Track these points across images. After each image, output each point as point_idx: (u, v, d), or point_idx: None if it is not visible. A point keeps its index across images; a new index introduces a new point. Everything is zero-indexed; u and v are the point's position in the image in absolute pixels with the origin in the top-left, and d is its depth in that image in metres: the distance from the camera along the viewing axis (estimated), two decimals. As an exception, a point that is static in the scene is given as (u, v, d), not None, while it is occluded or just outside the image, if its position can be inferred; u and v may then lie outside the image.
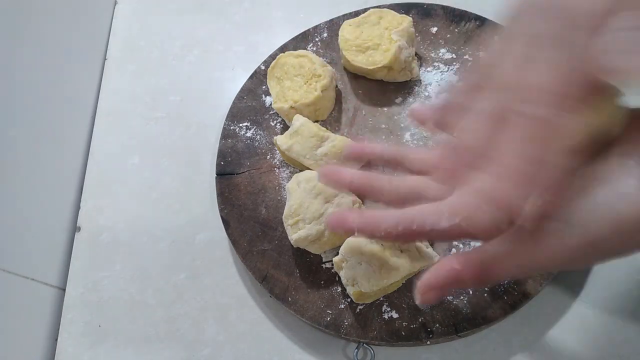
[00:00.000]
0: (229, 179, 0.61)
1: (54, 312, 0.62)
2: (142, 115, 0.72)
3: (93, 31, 0.79)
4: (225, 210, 0.59)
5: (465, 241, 0.53)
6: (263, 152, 0.63)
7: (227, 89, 0.71)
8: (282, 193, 0.60)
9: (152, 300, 0.60)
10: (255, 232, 0.58)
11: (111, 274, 0.62)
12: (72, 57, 0.73)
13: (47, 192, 0.65)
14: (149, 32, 0.79)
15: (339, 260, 0.51)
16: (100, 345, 0.58)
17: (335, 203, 0.52)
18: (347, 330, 0.52)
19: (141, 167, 0.69)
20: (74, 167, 0.69)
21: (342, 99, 0.64)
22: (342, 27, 0.63)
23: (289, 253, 0.56)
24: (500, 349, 0.52)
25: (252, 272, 0.56)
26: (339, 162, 0.55)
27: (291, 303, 0.54)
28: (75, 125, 0.72)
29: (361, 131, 0.62)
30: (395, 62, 0.60)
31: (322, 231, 0.51)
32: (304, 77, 0.61)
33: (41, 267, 0.62)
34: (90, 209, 0.67)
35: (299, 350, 0.55)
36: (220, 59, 0.75)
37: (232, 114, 0.65)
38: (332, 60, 0.66)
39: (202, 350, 0.56)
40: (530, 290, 0.50)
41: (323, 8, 0.74)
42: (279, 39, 0.70)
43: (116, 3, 0.83)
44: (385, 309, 0.52)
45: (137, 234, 0.64)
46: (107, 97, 0.75)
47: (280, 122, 0.64)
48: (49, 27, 0.69)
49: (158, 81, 0.75)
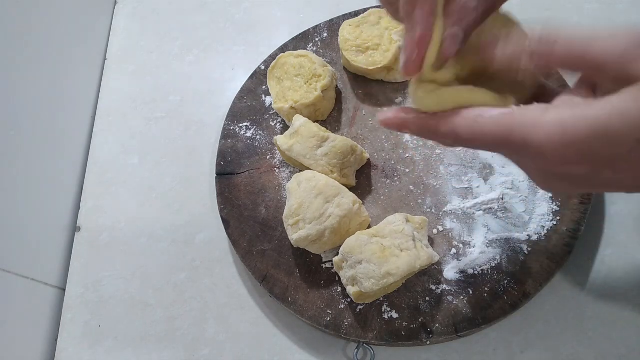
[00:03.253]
0: (229, 179, 0.61)
1: (54, 312, 0.62)
2: (142, 115, 0.72)
3: (93, 31, 0.79)
4: (225, 210, 0.59)
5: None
6: (263, 152, 0.63)
7: (227, 89, 0.71)
8: (282, 193, 0.60)
9: (152, 300, 0.60)
10: (255, 232, 0.58)
11: (111, 273, 0.62)
12: (72, 57, 0.73)
13: (47, 192, 0.65)
14: (149, 32, 0.79)
15: (339, 260, 0.51)
16: (100, 345, 0.58)
17: (336, 203, 0.52)
18: (347, 330, 0.52)
19: (141, 167, 0.69)
20: (74, 167, 0.69)
21: (342, 99, 0.64)
22: (342, 27, 0.63)
23: (289, 253, 0.56)
24: (500, 349, 0.52)
25: (252, 272, 0.56)
26: None
27: (291, 303, 0.54)
28: (75, 125, 0.72)
29: (361, 131, 0.62)
30: (395, 63, 0.60)
31: (323, 231, 0.51)
32: (304, 77, 0.61)
33: (41, 267, 0.62)
34: (90, 209, 0.67)
35: (299, 350, 0.55)
36: (220, 59, 0.75)
37: (232, 114, 0.65)
38: (332, 60, 0.66)
39: (202, 350, 0.56)
40: (530, 290, 0.50)
41: (323, 8, 0.74)
42: (279, 39, 0.70)
43: (116, 3, 0.83)
44: (385, 309, 0.52)
45: (137, 234, 0.64)
46: (107, 97, 0.75)
47: (280, 122, 0.64)
48: (49, 27, 0.69)
49: (158, 81, 0.75)
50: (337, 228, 0.52)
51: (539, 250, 0.52)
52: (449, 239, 0.55)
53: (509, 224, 0.54)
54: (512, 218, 0.54)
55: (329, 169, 0.56)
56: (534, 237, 0.53)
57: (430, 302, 0.52)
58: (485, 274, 0.52)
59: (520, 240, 0.53)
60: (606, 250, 0.54)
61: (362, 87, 0.64)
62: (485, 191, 0.56)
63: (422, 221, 0.52)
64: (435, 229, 0.55)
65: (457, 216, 0.56)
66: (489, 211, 0.55)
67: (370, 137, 0.61)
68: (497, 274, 0.52)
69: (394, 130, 0.46)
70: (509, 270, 0.52)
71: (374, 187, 0.59)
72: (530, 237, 0.53)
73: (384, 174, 0.59)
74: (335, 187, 0.53)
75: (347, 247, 0.49)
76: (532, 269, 0.51)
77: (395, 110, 0.35)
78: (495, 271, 0.52)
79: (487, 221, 0.55)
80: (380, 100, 0.63)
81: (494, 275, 0.52)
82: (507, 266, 0.52)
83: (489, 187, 0.56)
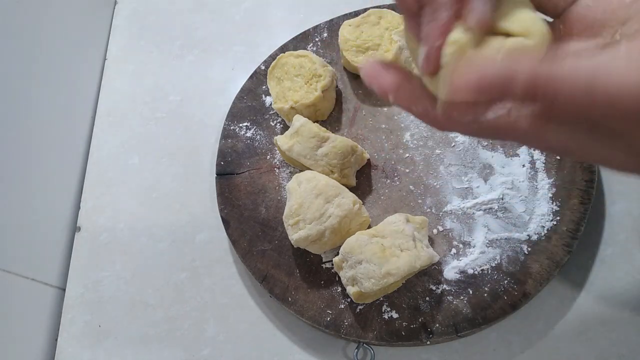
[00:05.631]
0: (229, 179, 0.61)
1: (54, 312, 0.62)
2: (142, 115, 0.72)
3: (93, 31, 0.79)
4: (225, 210, 0.59)
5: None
6: (263, 152, 0.63)
7: (227, 89, 0.71)
8: (282, 193, 0.60)
9: (152, 300, 0.60)
10: (255, 232, 0.58)
11: (111, 274, 0.62)
12: (72, 57, 0.73)
13: (47, 192, 0.65)
14: (149, 32, 0.79)
15: (339, 260, 0.51)
16: (100, 345, 0.58)
17: (336, 203, 0.52)
18: (347, 330, 0.52)
19: (141, 167, 0.69)
20: (74, 167, 0.69)
21: (342, 99, 0.64)
22: (342, 27, 0.63)
23: (289, 253, 0.56)
24: (500, 349, 0.52)
25: (252, 272, 0.56)
26: None
27: (291, 303, 0.54)
28: (75, 125, 0.72)
29: (361, 131, 0.62)
30: (395, 63, 0.60)
31: (323, 231, 0.51)
32: (304, 77, 0.61)
33: (41, 267, 0.62)
34: (90, 209, 0.67)
35: (299, 350, 0.55)
36: (220, 59, 0.75)
37: (232, 114, 0.65)
38: (332, 60, 0.66)
39: (202, 350, 0.56)
40: (530, 290, 0.50)
41: (323, 8, 0.74)
42: (279, 39, 0.70)
43: (116, 3, 0.83)
44: (385, 309, 0.52)
45: (137, 234, 0.64)
46: (107, 97, 0.75)
47: (280, 122, 0.64)
48: (49, 27, 0.69)
49: (158, 81, 0.75)
50: (337, 228, 0.52)
51: (539, 250, 0.52)
52: (449, 239, 0.55)
53: (509, 224, 0.54)
54: (512, 218, 0.54)
55: (329, 169, 0.56)
56: (534, 237, 0.53)
57: (430, 302, 0.52)
58: (485, 274, 0.52)
59: (520, 240, 0.53)
60: (606, 250, 0.54)
61: (362, 87, 0.64)
62: (485, 191, 0.56)
63: (422, 221, 0.52)
64: (435, 229, 0.55)
65: (457, 216, 0.56)
66: (489, 211, 0.55)
67: (370, 137, 0.61)
68: (497, 274, 0.52)
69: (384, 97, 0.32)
70: (509, 270, 0.52)
71: (374, 187, 0.59)
72: (530, 237, 0.53)
73: (384, 174, 0.59)
74: (336, 187, 0.53)
75: (347, 247, 0.49)
76: (532, 269, 0.51)
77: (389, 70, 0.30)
78: (495, 271, 0.52)
79: (487, 221, 0.55)
80: (380, 100, 0.63)
81: (494, 275, 0.52)
82: (507, 266, 0.52)
83: (489, 187, 0.56)
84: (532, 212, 0.54)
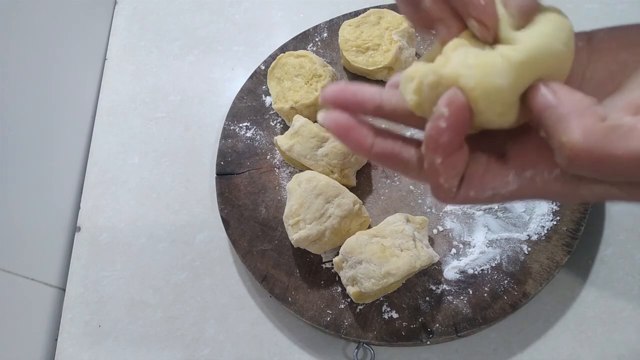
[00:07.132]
0: (229, 179, 0.61)
1: (54, 312, 0.62)
2: (142, 115, 0.72)
3: (93, 31, 0.79)
4: (225, 210, 0.59)
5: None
6: (263, 152, 0.63)
7: (227, 89, 0.71)
8: (282, 193, 0.60)
9: (152, 300, 0.60)
10: (255, 232, 0.58)
11: (111, 273, 0.62)
12: (72, 57, 0.73)
13: (47, 192, 0.65)
14: (149, 32, 0.79)
15: (339, 260, 0.51)
16: (100, 345, 0.58)
17: (336, 203, 0.52)
18: (347, 330, 0.52)
19: (141, 167, 0.69)
20: (74, 167, 0.69)
21: (342, 99, 0.64)
22: (342, 27, 0.63)
23: (289, 253, 0.56)
24: (500, 349, 0.52)
25: (252, 272, 0.56)
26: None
27: (291, 303, 0.54)
28: (75, 125, 0.72)
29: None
30: (395, 63, 0.60)
31: (323, 231, 0.51)
32: (304, 77, 0.61)
33: (41, 267, 0.62)
34: (90, 209, 0.67)
35: (299, 350, 0.55)
36: (220, 59, 0.75)
37: (232, 114, 0.65)
38: (332, 60, 0.66)
39: (202, 350, 0.56)
40: (530, 290, 0.50)
41: (323, 8, 0.74)
42: (279, 39, 0.70)
43: (116, 3, 0.83)
44: (385, 309, 0.52)
45: (137, 234, 0.64)
46: (107, 97, 0.75)
47: (280, 122, 0.64)
48: (49, 27, 0.69)
49: (158, 81, 0.75)
50: (337, 228, 0.52)
51: (539, 250, 0.52)
52: (449, 239, 0.55)
53: (509, 224, 0.54)
54: (512, 218, 0.55)
55: (329, 169, 0.56)
56: (534, 237, 0.53)
57: (430, 302, 0.52)
58: (485, 274, 0.52)
59: (520, 240, 0.53)
60: (606, 250, 0.54)
61: (362, 87, 0.64)
62: (485, 191, 0.56)
63: (422, 221, 0.52)
64: (435, 229, 0.55)
65: (457, 216, 0.56)
66: (489, 211, 0.55)
67: (370, 137, 0.61)
68: (497, 274, 0.52)
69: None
70: (509, 270, 0.52)
71: (374, 187, 0.59)
72: (530, 237, 0.53)
73: (384, 174, 0.59)
74: (336, 187, 0.53)
75: (347, 247, 0.49)
76: (532, 269, 0.51)
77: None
78: (495, 271, 0.52)
79: (487, 221, 0.55)
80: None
81: (494, 275, 0.52)
82: (507, 266, 0.52)
83: (489, 187, 0.56)
84: (532, 212, 0.54)
